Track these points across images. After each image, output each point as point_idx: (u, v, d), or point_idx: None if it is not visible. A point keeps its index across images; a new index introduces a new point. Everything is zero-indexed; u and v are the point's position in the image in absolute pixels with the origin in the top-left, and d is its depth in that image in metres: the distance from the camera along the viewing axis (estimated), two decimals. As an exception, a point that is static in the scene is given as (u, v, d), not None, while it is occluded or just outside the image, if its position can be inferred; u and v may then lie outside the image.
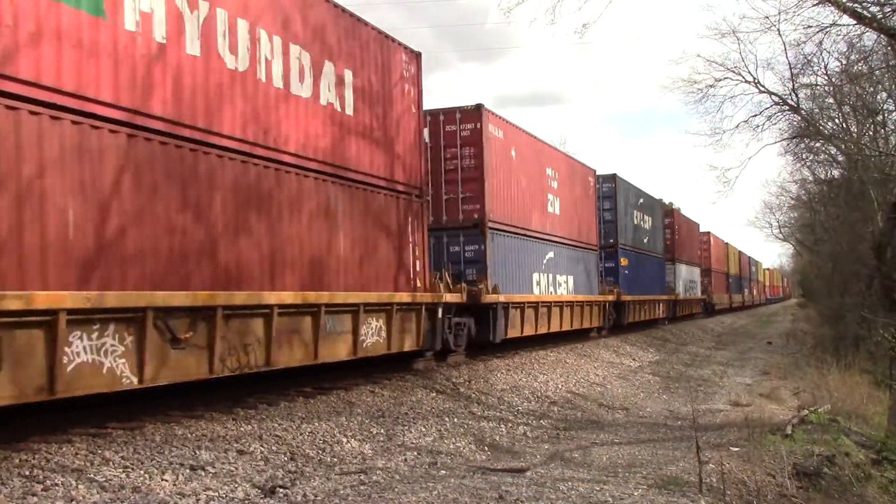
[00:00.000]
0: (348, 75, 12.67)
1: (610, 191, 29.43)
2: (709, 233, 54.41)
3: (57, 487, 6.72)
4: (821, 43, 19.42)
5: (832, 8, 16.21)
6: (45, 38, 7.65)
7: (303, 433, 9.75)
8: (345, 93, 12.57)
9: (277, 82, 10.87)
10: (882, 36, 16.81)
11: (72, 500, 6.54)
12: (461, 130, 17.93)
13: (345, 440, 9.85)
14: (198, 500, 6.99)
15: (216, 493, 7.20)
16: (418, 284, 14.77)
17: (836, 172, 32.43)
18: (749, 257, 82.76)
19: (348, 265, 12.48)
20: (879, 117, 24.99)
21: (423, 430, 11.09)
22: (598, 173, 28.08)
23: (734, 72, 23.48)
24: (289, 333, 10.90)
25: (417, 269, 14.78)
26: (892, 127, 25.94)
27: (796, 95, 23.49)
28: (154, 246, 8.72)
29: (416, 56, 15.13)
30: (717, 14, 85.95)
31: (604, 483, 8.23)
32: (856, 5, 15.92)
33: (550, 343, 22.95)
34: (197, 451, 8.31)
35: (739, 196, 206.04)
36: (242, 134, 10.14)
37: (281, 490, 7.53)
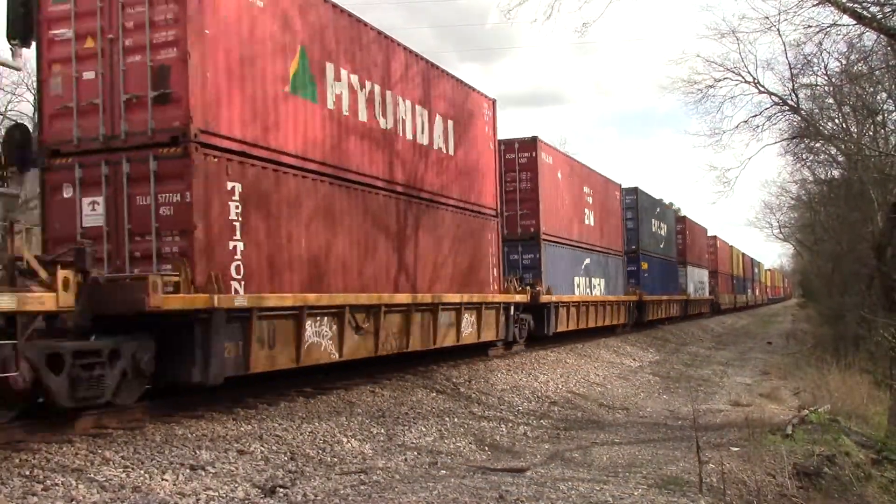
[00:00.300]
0: (451, 124, 16.35)
1: (632, 202, 32.94)
2: (715, 237, 57.87)
3: (57, 487, 6.72)
4: (821, 43, 19.42)
5: (832, 8, 16.21)
6: (288, 119, 11.04)
7: (303, 433, 9.75)
8: (449, 137, 16.31)
9: (409, 136, 14.57)
10: (882, 36, 16.80)
11: (72, 500, 6.54)
12: (519, 158, 21.70)
13: (345, 440, 9.85)
14: (198, 499, 6.99)
15: (216, 493, 7.20)
16: (495, 287, 18.13)
17: (836, 172, 32.45)
18: (752, 259, 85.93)
19: (454, 273, 16.22)
20: (879, 117, 25.00)
21: (424, 429, 11.09)
22: (622, 186, 31.77)
23: (734, 72, 23.46)
24: (418, 325, 14.57)
25: (495, 274, 18.23)
26: (892, 127, 25.96)
27: (796, 96, 23.49)
28: (348, 263, 12.40)
29: (493, 102, 18.68)
30: (716, 14, 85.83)
31: (604, 483, 8.22)
32: (856, 5, 15.92)
33: (587, 337, 25.87)
34: (197, 451, 8.31)
35: (739, 196, 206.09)
36: (386, 175, 13.66)
37: (281, 490, 7.53)
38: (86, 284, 8.41)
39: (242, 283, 9.94)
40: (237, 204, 9.94)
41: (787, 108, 23.57)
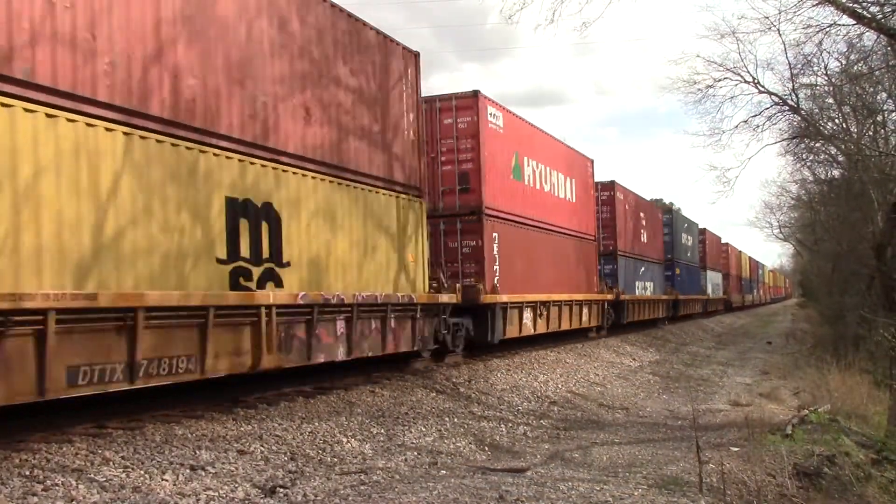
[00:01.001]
0: (571, 181, 24.46)
1: (669, 220, 41.45)
2: (727, 244, 66.13)
3: (57, 487, 6.72)
4: (821, 43, 19.41)
5: (832, 8, 16.20)
6: (504, 192, 19.03)
7: (303, 433, 9.75)
8: (572, 189, 24.65)
9: (556, 193, 23.11)
10: (882, 36, 16.79)
11: (72, 500, 6.54)
12: (601, 195, 29.61)
13: (345, 440, 9.85)
14: (198, 499, 6.99)
15: (216, 493, 7.20)
16: (595, 290, 26.43)
17: (836, 172, 32.44)
18: (757, 262, 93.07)
19: (575, 280, 24.52)
20: (879, 117, 24.98)
21: (424, 430, 11.09)
22: (663, 209, 41.77)
23: (734, 72, 23.47)
24: (563, 312, 22.80)
25: (595, 281, 26.59)
26: (892, 127, 25.94)
27: (796, 95, 23.49)
28: (540, 276, 20.87)
29: (592, 162, 27.77)
30: (716, 14, 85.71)
31: (604, 483, 8.22)
32: (856, 5, 15.92)
33: (641, 328, 33.62)
34: (197, 451, 8.31)
35: (739, 196, 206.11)
36: (546, 219, 21.91)
37: (281, 490, 7.53)
38: (462, 289, 16.58)
39: (499, 289, 17.97)
40: (496, 245, 18.20)
41: (787, 108, 23.58)
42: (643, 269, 34.22)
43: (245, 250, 10.10)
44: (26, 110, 7.50)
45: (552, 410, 14.65)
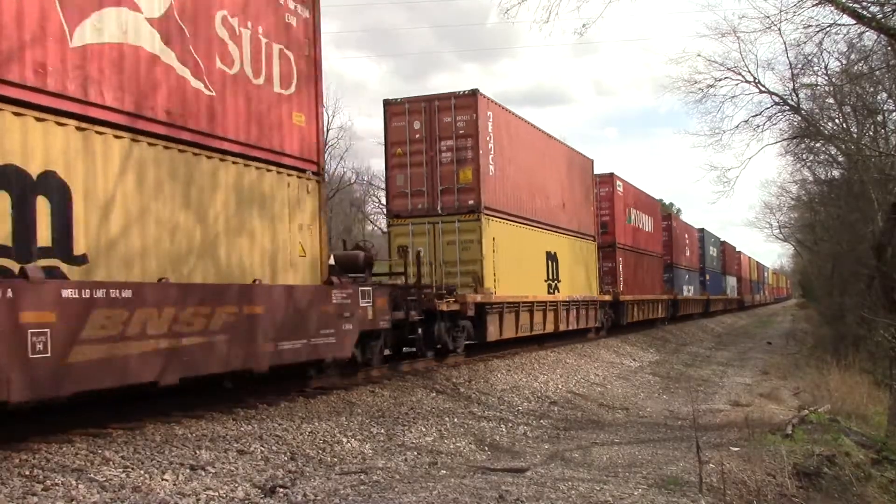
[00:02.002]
0: (651, 219, 37.14)
1: (701, 237, 52.52)
2: (740, 252, 76.22)
3: (57, 487, 6.72)
4: (821, 43, 19.40)
5: (832, 8, 16.19)
6: (627, 231, 31.35)
7: (303, 433, 9.75)
8: (653, 224, 37.10)
9: (641, 226, 34.95)
10: (882, 36, 16.78)
11: (72, 500, 6.54)
12: (662, 224, 40.06)
13: (345, 440, 9.85)
14: (198, 499, 6.99)
15: (216, 493, 7.20)
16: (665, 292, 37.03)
17: (836, 173, 32.44)
18: (762, 265, 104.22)
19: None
20: (879, 117, 24.98)
21: (424, 429, 11.09)
22: (697, 229, 52.69)
23: (734, 72, 23.44)
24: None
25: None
26: (892, 127, 25.95)
27: (796, 95, 23.48)
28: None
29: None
30: (717, 13, 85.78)
31: (604, 483, 8.22)
32: (856, 5, 15.90)
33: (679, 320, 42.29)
34: (197, 451, 8.31)
35: (739, 196, 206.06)
36: (641, 245, 34.28)
37: (281, 490, 7.52)
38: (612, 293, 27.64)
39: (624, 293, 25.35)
40: (621, 266, 27.67)
41: (788, 107, 23.56)
42: (687, 276, 45.83)
43: None
44: None
45: (552, 410, 14.64)
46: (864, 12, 15.94)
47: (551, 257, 22.43)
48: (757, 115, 23.69)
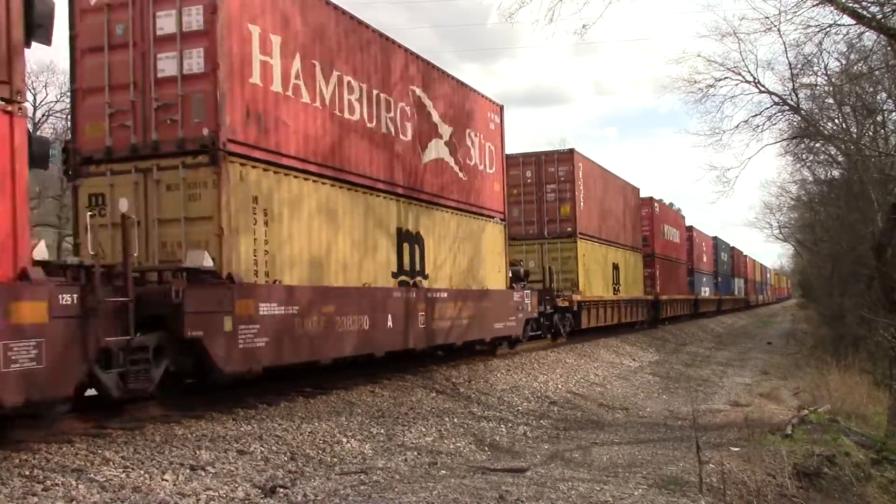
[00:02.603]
0: (678, 232, 44.56)
1: (715, 245, 59.38)
2: (746, 256, 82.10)
3: (57, 487, 6.72)
4: (821, 43, 19.38)
5: (832, 8, 16.17)
6: (665, 243, 40.02)
7: (303, 433, 9.75)
8: (681, 239, 45.15)
9: (672, 238, 43.56)
10: (882, 36, 16.78)
11: (72, 500, 6.54)
12: (686, 235, 47.03)
13: (345, 440, 9.84)
14: (198, 499, 6.98)
15: (216, 493, 7.20)
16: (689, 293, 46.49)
17: (836, 173, 32.45)
18: (766, 267, 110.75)
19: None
20: (879, 117, 24.98)
21: (423, 430, 11.09)
22: (713, 238, 60.48)
23: (734, 72, 23.41)
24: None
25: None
26: (892, 127, 25.95)
27: (796, 95, 23.45)
28: (672, 288, 39.96)
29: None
30: (717, 13, 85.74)
31: (604, 483, 8.22)
32: (856, 5, 15.89)
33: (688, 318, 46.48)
34: (197, 451, 8.31)
35: (739, 196, 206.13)
36: (673, 256, 43.17)
37: (281, 490, 7.52)
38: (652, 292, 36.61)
39: (661, 292, 38.27)
40: (659, 272, 38.97)
41: (788, 107, 23.54)
42: (704, 279, 53.04)
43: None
44: None
45: (552, 410, 14.64)
46: (864, 12, 15.93)
47: (615, 266, 30.09)
48: (757, 115, 23.67)
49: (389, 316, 13.30)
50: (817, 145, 28.66)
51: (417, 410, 12.27)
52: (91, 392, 8.85)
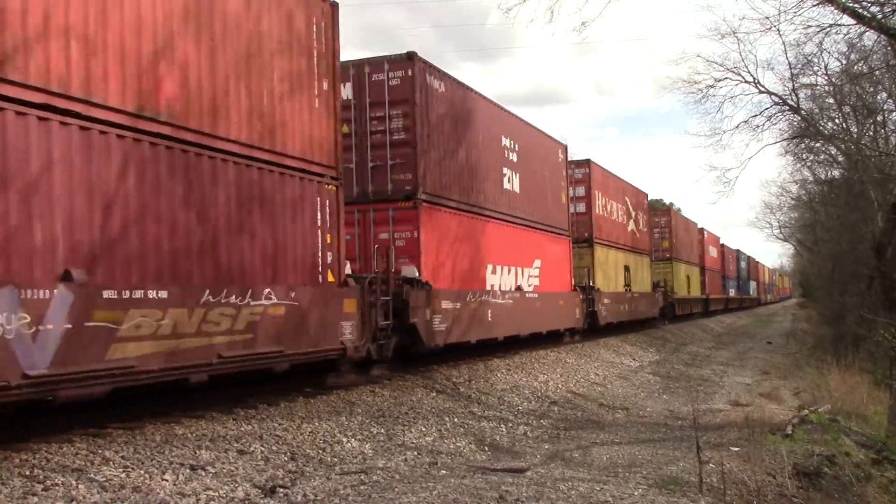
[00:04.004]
0: (712, 248, 57.84)
1: (737, 254, 72.72)
2: (758, 262, 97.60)
3: (57, 487, 6.72)
4: (821, 43, 19.49)
5: (832, 8, 16.19)
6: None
7: (303, 433, 9.75)
8: (717, 254, 59.90)
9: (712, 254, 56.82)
10: (882, 36, 16.79)
11: (72, 500, 6.54)
12: (719, 250, 62.01)
13: (345, 440, 9.84)
14: (198, 499, 6.98)
15: (216, 493, 7.20)
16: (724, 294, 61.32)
17: (836, 172, 32.46)
18: (773, 270, 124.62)
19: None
20: (879, 117, 25.00)
21: (424, 429, 11.09)
22: (736, 250, 74.45)
23: (734, 72, 23.45)
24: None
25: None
26: (892, 127, 25.97)
27: (796, 95, 23.49)
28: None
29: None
30: (717, 14, 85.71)
31: (604, 483, 8.22)
32: (856, 5, 15.90)
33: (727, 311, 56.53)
34: (197, 451, 8.31)
35: (739, 196, 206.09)
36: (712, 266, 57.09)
37: (281, 490, 7.53)
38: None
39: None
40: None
41: (788, 107, 23.57)
42: (731, 282, 67.06)
43: None
44: None
45: (552, 410, 14.64)
46: (864, 12, 15.94)
47: (688, 277, 38.33)
48: (757, 115, 23.73)
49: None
50: (817, 145, 28.70)
51: (417, 410, 12.27)
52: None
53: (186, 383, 9.18)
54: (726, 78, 23.45)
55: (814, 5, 16.39)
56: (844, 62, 22.20)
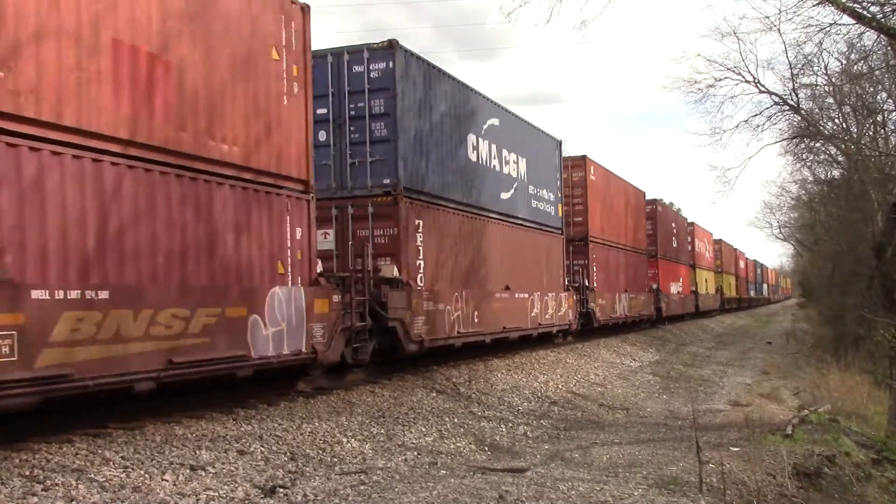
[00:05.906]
0: (745, 263, 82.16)
1: (754, 262, 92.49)
2: (767, 267, 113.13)
3: (57, 487, 6.72)
4: (821, 43, 19.51)
5: (832, 8, 16.19)
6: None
7: (303, 433, 9.75)
8: (747, 266, 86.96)
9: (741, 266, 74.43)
10: (882, 36, 16.78)
11: (72, 500, 6.54)
12: (743, 261, 79.73)
13: (345, 440, 9.84)
14: (198, 500, 6.98)
15: (216, 493, 7.20)
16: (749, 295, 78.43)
17: (836, 172, 32.50)
18: (778, 272, 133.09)
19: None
20: (879, 117, 25.01)
21: (424, 429, 11.09)
22: (754, 260, 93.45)
23: (734, 72, 23.50)
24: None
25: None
26: (892, 127, 25.98)
27: (796, 95, 23.51)
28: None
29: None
30: (717, 13, 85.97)
31: (604, 483, 8.22)
32: (856, 5, 15.89)
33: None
34: (197, 451, 8.31)
35: (740, 196, 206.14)
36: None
37: (281, 490, 7.52)
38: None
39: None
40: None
41: (788, 107, 23.59)
42: (749, 285, 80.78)
43: None
44: None
45: (552, 410, 14.64)
46: (864, 12, 15.93)
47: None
48: (757, 114, 23.78)
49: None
50: (817, 145, 28.72)
51: (417, 410, 12.26)
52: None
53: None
54: (727, 77, 23.51)
55: (814, 5, 16.40)
56: (844, 62, 22.24)
